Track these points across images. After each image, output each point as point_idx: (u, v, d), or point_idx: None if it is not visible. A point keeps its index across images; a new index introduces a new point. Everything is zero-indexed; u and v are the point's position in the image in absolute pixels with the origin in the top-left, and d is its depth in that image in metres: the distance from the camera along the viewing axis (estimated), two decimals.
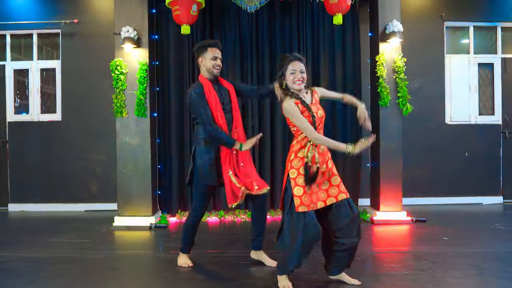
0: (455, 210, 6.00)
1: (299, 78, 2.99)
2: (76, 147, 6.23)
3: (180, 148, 5.79)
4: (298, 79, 2.99)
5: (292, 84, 3.01)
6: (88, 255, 4.00)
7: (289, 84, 3.02)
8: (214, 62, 3.46)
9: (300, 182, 2.96)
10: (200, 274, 3.45)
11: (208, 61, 3.47)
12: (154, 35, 5.50)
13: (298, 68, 3.00)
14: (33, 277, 3.38)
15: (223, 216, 5.61)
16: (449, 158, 6.39)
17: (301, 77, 2.99)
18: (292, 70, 3.00)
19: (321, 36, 5.87)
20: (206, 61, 3.48)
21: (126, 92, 5.20)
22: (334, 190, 3.03)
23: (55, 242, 4.49)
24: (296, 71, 2.99)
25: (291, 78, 3.00)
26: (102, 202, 6.17)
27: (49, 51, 6.51)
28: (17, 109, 6.45)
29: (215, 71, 3.48)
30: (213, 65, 3.46)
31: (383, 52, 5.31)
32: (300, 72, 3.00)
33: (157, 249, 4.44)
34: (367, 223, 5.26)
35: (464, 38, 6.62)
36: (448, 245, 4.19)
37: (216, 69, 3.48)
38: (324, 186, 3.03)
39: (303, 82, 3.01)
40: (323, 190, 3.03)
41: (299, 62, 3.01)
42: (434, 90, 6.39)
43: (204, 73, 3.53)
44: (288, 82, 3.02)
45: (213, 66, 3.46)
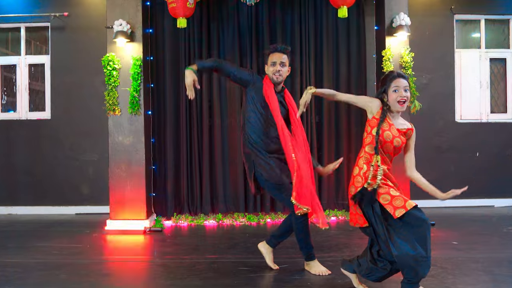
0: (465, 212, 6.00)
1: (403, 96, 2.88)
2: (66, 146, 6.22)
3: (176, 148, 5.78)
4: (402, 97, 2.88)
5: (395, 103, 2.91)
6: (79, 261, 3.98)
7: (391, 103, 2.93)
8: (273, 68, 3.44)
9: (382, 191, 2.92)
10: (197, 281, 3.43)
11: (268, 67, 3.48)
12: (149, 29, 5.49)
13: (402, 85, 2.89)
14: (21, 284, 3.37)
15: (221, 220, 5.60)
16: (459, 158, 6.39)
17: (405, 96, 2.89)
18: (395, 87, 2.89)
19: (324, 29, 5.86)
20: (267, 68, 3.49)
21: (119, 88, 5.18)
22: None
23: (44, 247, 4.48)
24: (400, 89, 2.89)
25: (394, 96, 2.90)
26: (93, 204, 6.16)
27: (37, 45, 6.50)
28: (4, 107, 6.45)
29: (275, 78, 3.44)
30: (272, 72, 3.44)
31: (390, 46, 5.29)
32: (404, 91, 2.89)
33: (151, 254, 4.42)
34: None
35: (475, 32, 6.61)
36: (458, 250, 4.18)
37: (276, 75, 3.43)
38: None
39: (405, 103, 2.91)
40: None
41: (402, 79, 2.89)
42: (443, 86, 6.38)
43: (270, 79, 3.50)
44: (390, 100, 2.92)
45: (272, 73, 3.44)
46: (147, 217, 5.27)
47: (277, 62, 3.43)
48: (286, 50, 3.49)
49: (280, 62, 3.44)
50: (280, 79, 3.46)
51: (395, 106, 2.91)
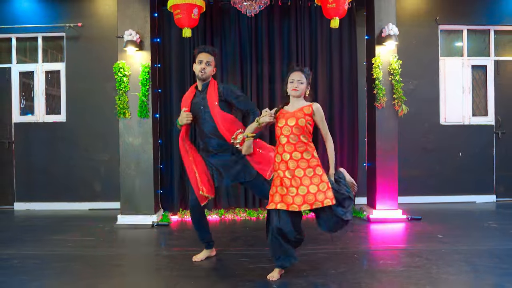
0: (449, 208, 6.00)
1: (294, 87, 3.17)
2: (80, 147, 6.22)
3: None
4: (294, 88, 3.17)
5: (290, 91, 3.19)
6: (92, 253, 3.99)
7: (288, 91, 3.21)
8: (199, 66, 3.52)
9: (276, 183, 3.13)
10: (201, 272, 3.44)
11: (196, 65, 3.56)
12: (156, 38, 5.49)
13: (297, 78, 3.19)
14: (38, 274, 3.37)
15: (223, 215, 5.60)
16: (444, 158, 6.39)
17: (297, 86, 3.17)
18: (291, 79, 3.20)
19: (319, 39, 5.86)
20: (195, 66, 3.57)
21: (129, 93, 5.19)
22: (311, 197, 3.04)
23: (59, 240, 4.48)
24: (295, 81, 3.19)
25: (289, 86, 3.20)
26: (105, 201, 6.16)
27: (53, 54, 6.51)
28: (23, 111, 6.44)
29: (200, 74, 3.52)
30: (199, 70, 3.52)
31: (379, 54, 5.30)
32: (299, 83, 3.18)
33: (159, 246, 4.43)
34: (363, 221, 5.26)
35: (458, 41, 6.62)
36: (442, 243, 4.18)
37: (201, 72, 3.51)
38: (302, 192, 3.05)
39: (297, 92, 3.17)
40: (301, 195, 3.04)
41: (299, 73, 3.20)
42: (429, 91, 6.39)
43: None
44: (288, 89, 3.21)
45: (198, 70, 3.53)
46: (155, 212, 5.27)
47: (204, 60, 3.53)
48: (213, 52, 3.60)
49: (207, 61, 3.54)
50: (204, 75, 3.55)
51: (290, 93, 3.19)
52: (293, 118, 3.11)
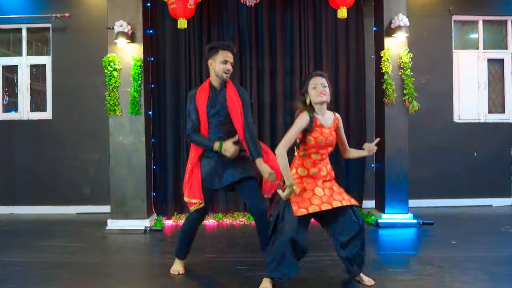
0: (464, 212, 6.00)
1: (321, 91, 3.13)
2: (67, 146, 6.21)
3: (176, 148, 5.78)
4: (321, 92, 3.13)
5: (315, 98, 3.14)
6: (80, 260, 3.99)
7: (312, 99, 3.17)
8: (224, 66, 3.41)
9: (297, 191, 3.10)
10: (196, 280, 3.44)
11: (218, 64, 3.43)
12: (149, 30, 5.49)
13: (319, 82, 3.15)
14: (22, 283, 3.37)
15: (221, 219, 5.60)
16: (458, 158, 6.39)
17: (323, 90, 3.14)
18: (313, 84, 3.15)
19: (323, 30, 5.86)
20: (215, 64, 3.44)
21: (119, 89, 5.18)
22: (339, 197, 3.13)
23: (45, 246, 4.48)
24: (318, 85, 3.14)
25: (313, 93, 3.14)
26: (94, 204, 6.16)
27: (39, 46, 6.50)
28: (6, 107, 6.44)
29: (225, 76, 3.44)
30: (223, 70, 3.42)
31: (389, 47, 5.30)
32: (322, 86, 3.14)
33: (152, 253, 4.43)
34: (372, 226, 5.25)
35: (473, 33, 6.61)
36: (456, 249, 4.18)
37: (226, 73, 3.43)
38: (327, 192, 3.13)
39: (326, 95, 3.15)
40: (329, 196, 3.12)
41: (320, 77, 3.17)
42: (441, 87, 6.38)
43: (212, 77, 3.49)
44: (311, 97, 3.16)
45: (222, 70, 3.41)
46: (148, 216, 5.27)
47: (229, 61, 3.44)
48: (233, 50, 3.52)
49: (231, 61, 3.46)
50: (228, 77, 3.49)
51: (316, 99, 3.12)
52: (332, 137, 3.18)
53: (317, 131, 3.11)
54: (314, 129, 3.11)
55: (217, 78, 3.45)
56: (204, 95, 3.45)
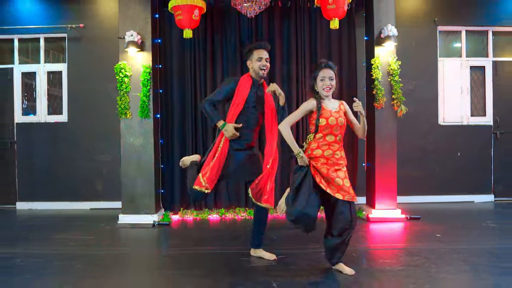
0: (448, 208, 6.00)
1: (327, 85, 3.15)
2: (82, 147, 6.22)
3: (182, 148, 5.78)
4: (327, 86, 3.14)
5: (321, 90, 3.17)
6: (93, 252, 3.99)
7: (319, 90, 3.20)
8: (259, 63, 3.48)
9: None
10: (201, 270, 3.44)
11: (254, 62, 3.50)
12: (157, 39, 5.50)
13: (328, 75, 3.15)
14: (41, 273, 3.38)
15: (224, 214, 5.60)
16: (442, 158, 6.39)
17: (330, 84, 3.15)
18: (322, 76, 3.16)
19: (318, 39, 5.86)
20: (253, 64, 3.51)
21: (130, 94, 5.19)
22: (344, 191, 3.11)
23: (61, 239, 4.48)
24: (326, 78, 3.15)
25: (320, 84, 3.17)
26: (107, 200, 6.16)
27: (55, 54, 6.51)
28: (25, 111, 6.45)
29: (261, 72, 3.50)
30: (259, 66, 3.48)
31: (378, 55, 5.30)
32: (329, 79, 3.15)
33: (159, 246, 4.43)
34: (362, 221, 5.26)
35: (457, 42, 6.62)
36: (441, 242, 4.18)
37: (262, 70, 3.49)
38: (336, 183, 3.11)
39: (331, 90, 3.17)
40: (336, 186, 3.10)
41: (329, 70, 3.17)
42: (427, 92, 6.39)
43: (252, 73, 3.56)
44: (318, 88, 3.20)
45: (259, 67, 3.49)
46: (156, 211, 5.27)
47: (263, 57, 3.50)
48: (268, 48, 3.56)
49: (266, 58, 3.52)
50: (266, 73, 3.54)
51: (322, 92, 3.17)
52: (342, 118, 3.17)
53: (327, 112, 3.14)
54: (323, 111, 3.13)
55: (256, 76, 3.53)
56: (248, 84, 3.49)
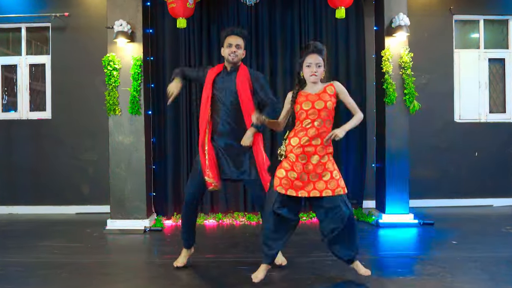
0: (465, 212, 6.00)
1: (313, 72, 3.15)
2: (67, 146, 6.22)
3: (175, 148, 5.79)
4: (313, 73, 3.15)
5: (308, 77, 3.20)
6: (80, 260, 3.99)
7: (305, 76, 3.22)
8: (228, 49, 3.58)
9: (285, 166, 3.19)
10: (197, 280, 3.44)
11: (225, 49, 3.61)
12: (149, 29, 5.49)
13: (314, 61, 3.16)
14: (22, 283, 3.38)
15: (221, 219, 5.60)
16: (458, 158, 6.39)
17: (316, 71, 3.16)
18: (309, 62, 3.17)
19: (324, 30, 5.86)
20: (224, 50, 3.62)
21: (119, 89, 5.19)
22: (321, 185, 3.15)
23: (44, 246, 4.48)
24: (312, 64, 3.16)
25: (306, 71, 3.19)
26: (94, 204, 6.16)
27: (38, 45, 6.51)
28: (5, 107, 6.45)
29: (230, 58, 3.58)
30: (228, 53, 3.58)
31: (389, 47, 5.30)
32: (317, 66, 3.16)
33: (151, 253, 4.43)
34: (372, 226, 5.26)
35: (474, 32, 6.62)
36: (457, 249, 4.19)
37: (231, 56, 3.57)
38: (313, 179, 3.16)
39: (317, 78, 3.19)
40: (311, 182, 3.16)
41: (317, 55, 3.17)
42: (442, 86, 6.39)
43: (225, 61, 3.66)
44: (304, 74, 3.22)
45: (228, 54, 3.58)
46: (147, 216, 5.27)
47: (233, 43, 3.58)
48: (242, 34, 3.64)
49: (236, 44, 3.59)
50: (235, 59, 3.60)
51: (308, 79, 3.19)
52: (321, 101, 3.14)
53: (302, 97, 3.18)
54: (298, 98, 3.19)
55: (227, 63, 3.63)
56: (215, 71, 3.63)
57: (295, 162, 3.15)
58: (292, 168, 3.16)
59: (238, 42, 3.59)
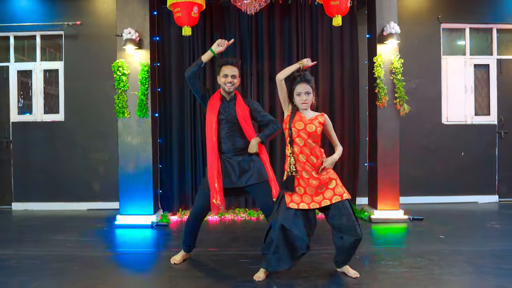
0: (452, 208, 6.00)
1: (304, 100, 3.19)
2: (79, 147, 6.22)
3: (180, 148, 5.78)
4: (303, 101, 3.19)
5: (299, 104, 3.22)
6: (90, 253, 3.99)
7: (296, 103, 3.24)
8: (224, 79, 3.56)
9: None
10: (200, 272, 3.44)
11: (221, 78, 3.59)
12: (156, 37, 5.49)
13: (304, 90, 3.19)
14: (37, 275, 3.37)
15: (223, 215, 5.60)
16: (446, 158, 6.39)
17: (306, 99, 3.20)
18: (298, 92, 3.19)
19: (320, 37, 5.86)
20: (220, 79, 3.59)
21: (128, 92, 5.19)
22: (330, 193, 3.17)
23: (58, 240, 4.48)
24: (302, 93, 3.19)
25: (297, 99, 3.21)
26: (104, 201, 6.16)
27: (52, 52, 6.51)
28: (21, 110, 6.44)
29: (226, 88, 3.56)
30: (224, 82, 3.56)
31: (381, 53, 5.30)
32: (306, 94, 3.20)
33: (158, 247, 4.43)
34: (365, 222, 5.25)
35: (461, 40, 6.62)
36: (444, 243, 4.18)
37: (228, 85, 3.55)
38: (320, 190, 3.16)
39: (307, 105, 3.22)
40: (320, 193, 3.16)
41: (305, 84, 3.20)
42: (431, 90, 6.39)
43: (221, 90, 3.63)
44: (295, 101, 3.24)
45: (224, 83, 3.56)
46: (154, 212, 5.27)
47: (229, 74, 3.55)
48: (237, 63, 3.64)
49: (232, 74, 3.57)
50: (231, 88, 3.59)
51: (300, 106, 3.22)
52: (312, 125, 3.18)
53: (298, 117, 3.20)
54: (295, 116, 3.21)
55: (223, 92, 3.61)
56: (216, 103, 3.58)
57: (299, 178, 3.17)
58: (298, 183, 3.17)
59: (233, 73, 3.55)
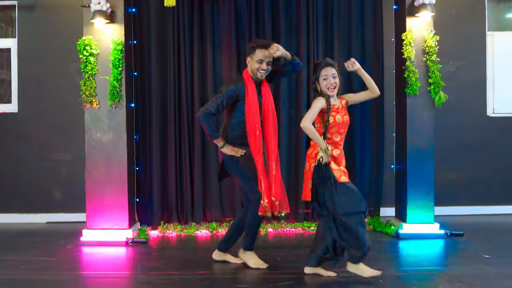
0: (498, 221, 6.02)
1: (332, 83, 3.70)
2: (36, 144, 6.23)
3: (162, 146, 5.79)
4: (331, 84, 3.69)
5: (326, 90, 3.71)
6: (51, 277, 3.99)
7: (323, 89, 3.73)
8: (259, 65, 3.91)
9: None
10: None
11: (254, 63, 3.94)
12: (131, 8, 5.50)
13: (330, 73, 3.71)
14: None
15: (215, 229, 5.61)
16: (491, 159, 6.40)
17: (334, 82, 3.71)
18: (324, 75, 3.70)
19: (336, 9, 5.87)
20: (252, 63, 3.94)
21: (97, 77, 5.19)
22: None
23: (10, 260, 4.48)
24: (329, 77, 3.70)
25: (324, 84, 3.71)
26: (67, 212, 6.18)
27: (2, 27, 6.51)
28: None
29: (259, 74, 3.94)
30: (257, 68, 3.92)
31: (411, 28, 5.30)
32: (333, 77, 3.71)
33: (134, 269, 4.44)
34: (391, 238, 5.26)
35: (510, 12, 6.62)
36: (489, 264, 4.19)
37: (261, 72, 3.93)
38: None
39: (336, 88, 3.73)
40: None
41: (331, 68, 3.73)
42: (473, 75, 6.40)
43: (249, 71, 4.00)
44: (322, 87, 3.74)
45: (257, 69, 3.93)
46: (130, 226, 5.28)
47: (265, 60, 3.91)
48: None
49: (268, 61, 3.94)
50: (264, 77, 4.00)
51: (326, 92, 3.71)
52: (347, 116, 3.76)
53: (334, 110, 3.69)
54: (331, 109, 3.67)
55: (253, 76, 3.97)
56: (254, 88, 3.94)
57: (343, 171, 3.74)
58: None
59: (270, 58, 3.90)
